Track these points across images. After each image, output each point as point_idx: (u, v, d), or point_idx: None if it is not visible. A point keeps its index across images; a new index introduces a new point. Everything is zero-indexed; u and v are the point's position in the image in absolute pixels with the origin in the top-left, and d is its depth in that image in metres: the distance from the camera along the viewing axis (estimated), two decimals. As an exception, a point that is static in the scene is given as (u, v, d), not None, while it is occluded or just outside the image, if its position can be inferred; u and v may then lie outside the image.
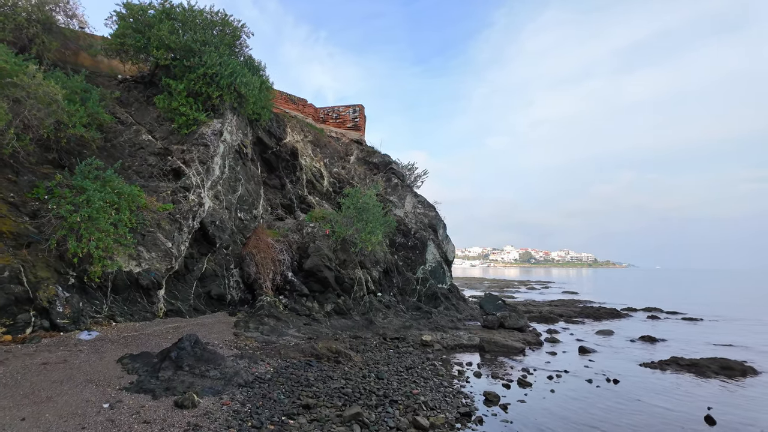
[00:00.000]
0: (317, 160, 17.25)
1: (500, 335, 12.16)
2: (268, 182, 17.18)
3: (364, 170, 17.92)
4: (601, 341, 13.34)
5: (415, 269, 16.42)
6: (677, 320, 20.72)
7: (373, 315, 13.55)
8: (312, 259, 14.15)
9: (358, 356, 9.06)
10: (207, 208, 11.88)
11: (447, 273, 17.45)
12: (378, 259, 15.50)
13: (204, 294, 12.00)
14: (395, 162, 18.42)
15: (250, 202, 14.50)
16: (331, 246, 14.58)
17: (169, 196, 11.57)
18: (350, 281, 14.54)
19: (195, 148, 11.93)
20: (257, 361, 7.84)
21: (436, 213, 17.81)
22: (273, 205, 16.82)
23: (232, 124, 13.30)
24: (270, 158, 16.80)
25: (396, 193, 17.36)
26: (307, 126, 17.63)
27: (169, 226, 10.77)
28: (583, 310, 22.36)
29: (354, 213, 14.01)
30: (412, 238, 16.74)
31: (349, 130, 19.39)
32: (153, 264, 10.36)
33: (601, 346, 12.45)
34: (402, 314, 14.17)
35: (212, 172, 12.25)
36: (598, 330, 15.22)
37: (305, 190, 17.26)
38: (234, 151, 13.66)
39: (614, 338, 14.07)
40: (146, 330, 9.24)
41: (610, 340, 13.58)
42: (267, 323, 11.32)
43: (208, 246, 12.28)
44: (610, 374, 9.14)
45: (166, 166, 12.17)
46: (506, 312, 13.39)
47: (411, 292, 16.00)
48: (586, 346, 11.69)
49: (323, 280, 14.09)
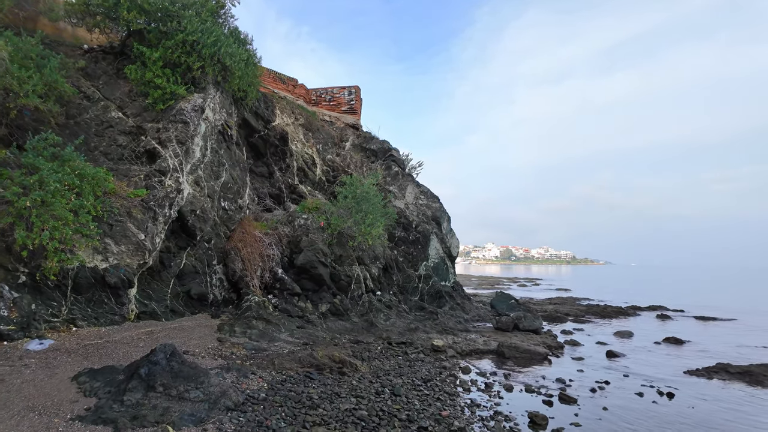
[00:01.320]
0: (309, 146, 16.04)
1: (517, 338, 11.23)
2: (255, 170, 15.91)
3: (360, 158, 16.77)
4: (624, 344, 12.58)
5: (417, 266, 15.39)
6: (688, 319, 20.26)
7: (374, 316, 12.48)
8: (305, 254, 13.00)
9: (365, 366, 7.98)
10: (186, 196, 10.61)
11: (451, 270, 16.47)
12: (377, 254, 14.41)
13: (183, 293, 10.75)
14: (395, 149, 17.32)
15: (235, 191, 13.24)
16: (326, 240, 13.45)
17: (141, 180, 10.27)
18: (347, 279, 13.44)
19: (172, 126, 10.62)
20: (247, 375, 6.69)
21: (440, 204, 16.79)
22: (260, 195, 15.56)
23: (215, 101, 12.00)
24: (257, 143, 15.52)
25: (396, 183, 16.27)
26: (298, 108, 16.38)
27: (142, 214, 9.48)
28: (589, 308, 21.75)
29: (353, 203, 12.87)
30: (413, 231, 15.70)
31: (344, 114, 18.16)
32: (122, 259, 9.08)
33: (627, 349, 11.66)
34: (405, 315, 13.13)
35: (192, 154, 10.97)
36: (616, 331, 14.47)
37: (296, 179, 16.04)
38: (217, 131, 12.37)
39: (636, 340, 13.33)
40: (113, 336, 7.99)
41: (632, 343, 12.84)
42: (255, 327, 10.15)
43: (187, 239, 11.02)
44: (658, 384, 8.26)
45: (138, 147, 10.85)
46: (520, 312, 12.48)
47: (412, 290, 14.97)
48: (614, 350, 10.84)
49: (317, 278, 12.96)
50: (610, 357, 10.55)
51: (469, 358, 9.71)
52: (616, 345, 12.29)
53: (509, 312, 12.50)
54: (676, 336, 13.19)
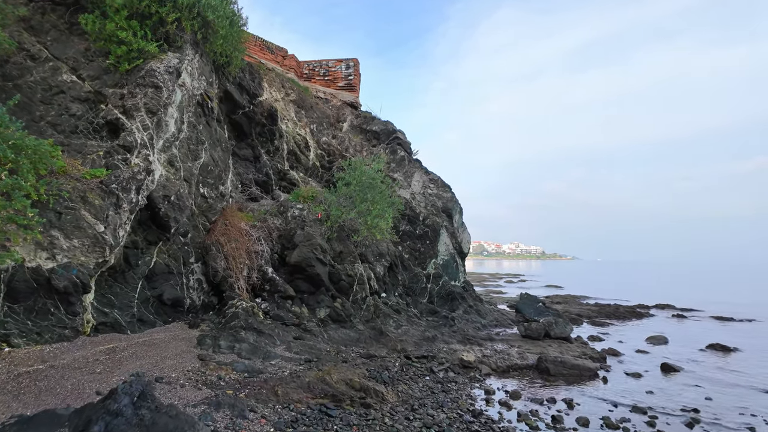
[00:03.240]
0: (302, 126, 14.37)
1: (553, 348, 9.98)
2: (238, 152, 14.16)
3: (360, 140, 15.19)
4: (666, 352, 11.53)
5: (425, 263, 13.99)
6: (705, 319, 19.60)
7: (382, 323, 11.03)
8: (300, 250, 11.42)
9: (391, 392, 6.52)
10: (157, 178, 8.87)
11: (461, 268, 15.15)
12: (381, 251, 12.93)
13: (153, 298, 9.06)
14: (400, 131, 15.79)
15: (216, 175, 11.51)
16: (324, 234, 11.89)
17: (101, 158, 8.49)
18: (348, 279, 11.94)
19: (140, 91, 8.84)
20: (245, 413, 5.14)
21: (452, 194, 15.39)
22: (244, 182, 13.84)
23: (193, 65, 10.23)
24: (241, 120, 13.77)
25: (401, 170, 14.77)
26: (289, 82, 14.66)
27: (101, 200, 7.73)
28: (601, 309, 20.87)
29: (356, 190, 11.34)
30: (420, 225, 14.27)
31: (341, 90, 16.50)
32: (75, 257, 7.33)
33: (677, 359, 10.59)
34: (416, 321, 11.72)
35: (165, 127, 9.22)
36: (647, 336, 13.43)
37: (286, 164, 14.37)
38: (195, 102, 10.61)
39: (674, 347, 12.36)
40: (61, 358, 6.30)
41: (672, 350, 11.83)
42: (245, 339, 8.57)
43: (158, 231, 9.30)
44: (760, 413, 7.05)
45: (97, 119, 9.04)
46: (551, 317, 11.24)
47: (420, 291, 13.57)
48: (669, 363, 9.70)
49: (314, 278, 11.42)
50: (667, 371, 9.43)
51: (509, 377, 8.38)
52: (658, 353, 11.26)
53: (537, 317, 11.27)
54: (720, 342, 12.22)
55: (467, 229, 15.80)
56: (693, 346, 12.42)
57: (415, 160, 15.68)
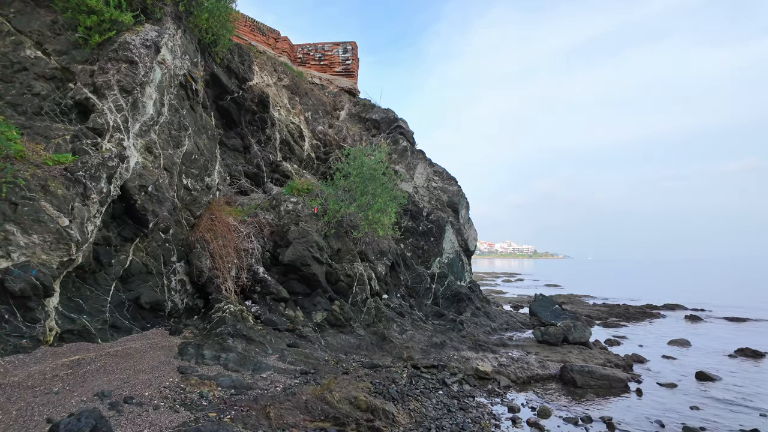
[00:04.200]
0: (296, 114, 13.49)
1: (574, 355, 9.22)
2: (227, 142, 13.26)
3: (359, 129, 14.33)
4: (693, 357, 10.85)
5: (429, 262, 13.19)
6: (719, 321, 19.04)
7: (385, 327, 10.22)
8: (294, 248, 10.58)
9: (401, 411, 5.70)
10: (133, 166, 7.98)
11: (467, 267, 14.37)
12: (383, 248, 12.11)
13: (129, 302, 8.18)
14: (402, 119, 14.93)
15: (201, 165, 10.62)
16: (321, 230, 11.05)
17: (67, 143, 7.57)
18: (347, 279, 11.12)
19: (113, 67, 7.93)
20: (230, 444, 4.29)
21: (458, 187, 14.57)
22: (233, 174, 12.95)
23: (175, 41, 9.33)
24: (229, 107, 12.87)
25: (404, 161, 13.94)
26: (282, 66, 13.75)
27: (65, 190, 6.83)
28: (611, 309, 20.24)
29: (357, 182, 10.49)
30: (424, 221, 13.46)
31: (337, 76, 15.62)
32: (35, 255, 6.44)
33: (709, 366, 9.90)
34: (421, 324, 10.92)
35: (142, 109, 8.32)
36: (669, 340, 12.74)
37: (278, 155, 13.49)
38: (178, 84, 9.71)
39: (698, 351, 11.70)
40: (13, 374, 5.42)
41: (699, 355, 11.18)
42: (232, 348, 7.74)
43: (135, 227, 8.41)
44: None
45: (65, 99, 8.14)
46: (569, 320, 10.48)
47: (424, 292, 12.77)
48: (706, 372, 8.97)
49: (310, 278, 10.59)
50: (702, 380, 8.71)
51: (530, 388, 7.59)
52: (686, 359, 10.57)
53: (554, 320, 10.51)
54: (749, 347, 11.53)
55: (474, 225, 15.02)
56: (719, 350, 11.76)
57: (418, 151, 14.85)
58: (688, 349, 11.93)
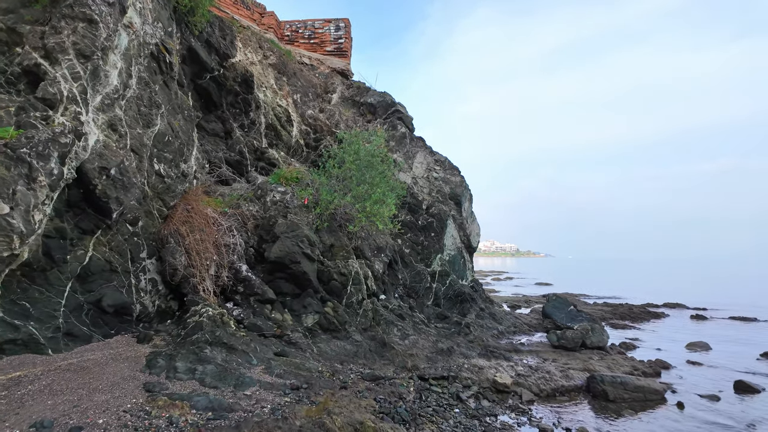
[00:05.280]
0: (283, 96, 12.44)
1: (598, 362, 8.45)
2: (206, 126, 12.17)
3: (353, 114, 13.34)
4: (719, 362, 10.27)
5: (429, 259, 12.30)
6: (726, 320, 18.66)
7: (384, 331, 9.30)
8: (282, 243, 9.61)
9: (416, 438, 4.79)
10: (92, 145, 6.90)
11: (469, 264, 13.53)
12: (380, 244, 11.19)
13: (88, 305, 7.11)
14: (400, 104, 13.94)
15: (176, 149, 9.54)
16: (312, 223, 10.08)
17: (11, 116, 6.46)
18: (342, 278, 10.18)
19: (67, 26, 6.82)
20: (204, 495, 3.32)
21: (461, 178, 13.68)
22: (213, 161, 11.88)
23: (145, 4, 8.24)
24: (209, 87, 11.78)
25: (402, 149, 12.98)
26: (268, 42, 12.68)
27: (5, 170, 5.74)
28: (614, 309, 19.70)
29: (353, 170, 9.54)
30: (423, 214, 12.55)
31: (329, 56, 14.58)
32: (-35, 248, 5.36)
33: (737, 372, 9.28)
34: (424, 328, 10.03)
35: (105, 78, 7.23)
36: (687, 343, 12.10)
37: (264, 141, 12.44)
38: (149, 54, 8.62)
39: (721, 355, 11.12)
40: (-73, 400, 4.36)
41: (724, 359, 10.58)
42: (210, 358, 6.75)
43: (96, 216, 7.32)
44: None
45: (11, 66, 7.01)
46: (586, 323, 9.70)
47: (424, 292, 11.89)
48: (746, 381, 8.26)
49: (300, 277, 9.64)
50: (744, 390, 8.01)
51: (556, 402, 6.77)
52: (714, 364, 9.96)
53: (569, 322, 9.73)
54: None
55: (476, 220, 14.17)
56: (743, 353, 11.18)
57: (417, 138, 13.91)
58: (710, 353, 11.32)
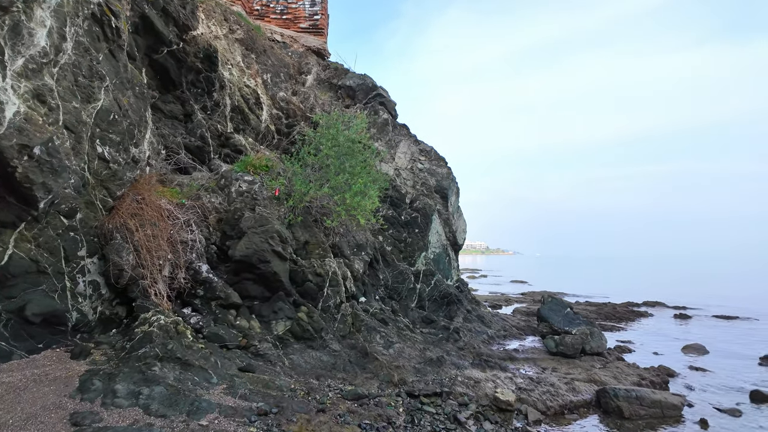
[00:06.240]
0: (252, 75, 11.33)
1: (603, 372, 7.83)
2: (163, 107, 10.94)
3: (329, 98, 12.33)
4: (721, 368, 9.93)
5: (413, 258, 11.47)
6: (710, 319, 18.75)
7: (366, 339, 8.41)
8: (249, 239, 8.58)
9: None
10: (11, 117, 5.70)
11: (454, 263, 12.77)
12: (360, 241, 10.29)
13: (8, 314, 5.97)
14: (382, 87, 12.99)
15: (124, 130, 8.33)
16: (283, 217, 9.07)
17: None
18: (317, 279, 9.22)
19: (-24, -31, 5.58)
20: None
21: (447, 170, 12.84)
22: (170, 146, 10.67)
23: (82, -47, 7.01)
24: (166, 63, 10.55)
25: (384, 137, 12.06)
26: (234, 15, 11.53)
27: None
28: (599, 309, 19.50)
29: (331, 157, 8.58)
30: (407, 209, 11.70)
31: (303, 33, 13.50)
32: None
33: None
34: (409, 334, 9.19)
35: (29, 38, 6.03)
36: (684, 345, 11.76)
37: (229, 125, 11.31)
38: (90, 15, 7.41)
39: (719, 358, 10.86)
40: None
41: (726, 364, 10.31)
42: (160, 378, 5.72)
43: (17, 207, 6.13)
44: None
45: None
46: (584, 327, 9.07)
47: (408, 293, 11.05)
48: (762, 390, 7.77)
49: (269, 278, 8.64)
50: (759, 401, 7.54)
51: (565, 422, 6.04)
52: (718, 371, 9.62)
53: (567, 326, 9.09)
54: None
55: (463, 215, 13.42)
56: (741, 356, 10.97)
57: (401, 126, 13.01)
58: (708, 356, 11.03)
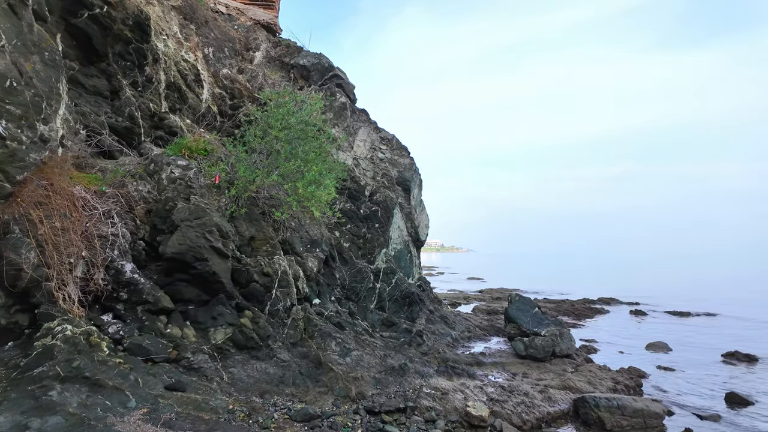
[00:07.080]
0: (191, 49, 10.13)
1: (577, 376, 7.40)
2: (84, 81, 9.55)
3: (280, 78, 11.27)
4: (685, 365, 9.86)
5: (372, 255, 10.70)
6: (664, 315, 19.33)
7: (320, 347, 7.56)
8: (183, 234, 7.53)
9: None
10: None
11: (416, 260, 12.12)
12: (314, 236, 9.41)
13: None
14: (339, 68, 12.02)
15: (29, 103, 7.02)
16: (225, 208, 8.04)
17: None
18: (265, 279, 8.28)
19: None
20: None
21: (410, 160, 12.10)
22: (92, 126, 9.31)
23: None
24: (88, 29, 9.18)
25: (342, 123, 11.14)
26: (170, -22, 10.25)
27: None
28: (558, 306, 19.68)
29: (281, 140, 7.63)
30: (366, 202, 10.90)
31: (252, 5, 12.32)
32: None
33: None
34: (368, 339, 8.42)
35: None
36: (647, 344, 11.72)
37: (164, 104, 10.07)
38: (-25, -44, 6.08)
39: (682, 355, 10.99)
40: None
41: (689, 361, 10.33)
42: (58, 405, 4.68)
43: None
44: None
45: None
46: (553, 327, 8.65)
47: (367, 293, 10.28)
48: (739, 393, 7.56)
49: (207, 279, 7.62)
50: (738, 403, 7.34)
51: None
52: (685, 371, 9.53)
53: (536, 327, 8.65)
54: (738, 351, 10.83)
55: (426, 209, 12.77)
56: (703, 354, 11.03)
57: (360, 111, 12.12)
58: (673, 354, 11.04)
